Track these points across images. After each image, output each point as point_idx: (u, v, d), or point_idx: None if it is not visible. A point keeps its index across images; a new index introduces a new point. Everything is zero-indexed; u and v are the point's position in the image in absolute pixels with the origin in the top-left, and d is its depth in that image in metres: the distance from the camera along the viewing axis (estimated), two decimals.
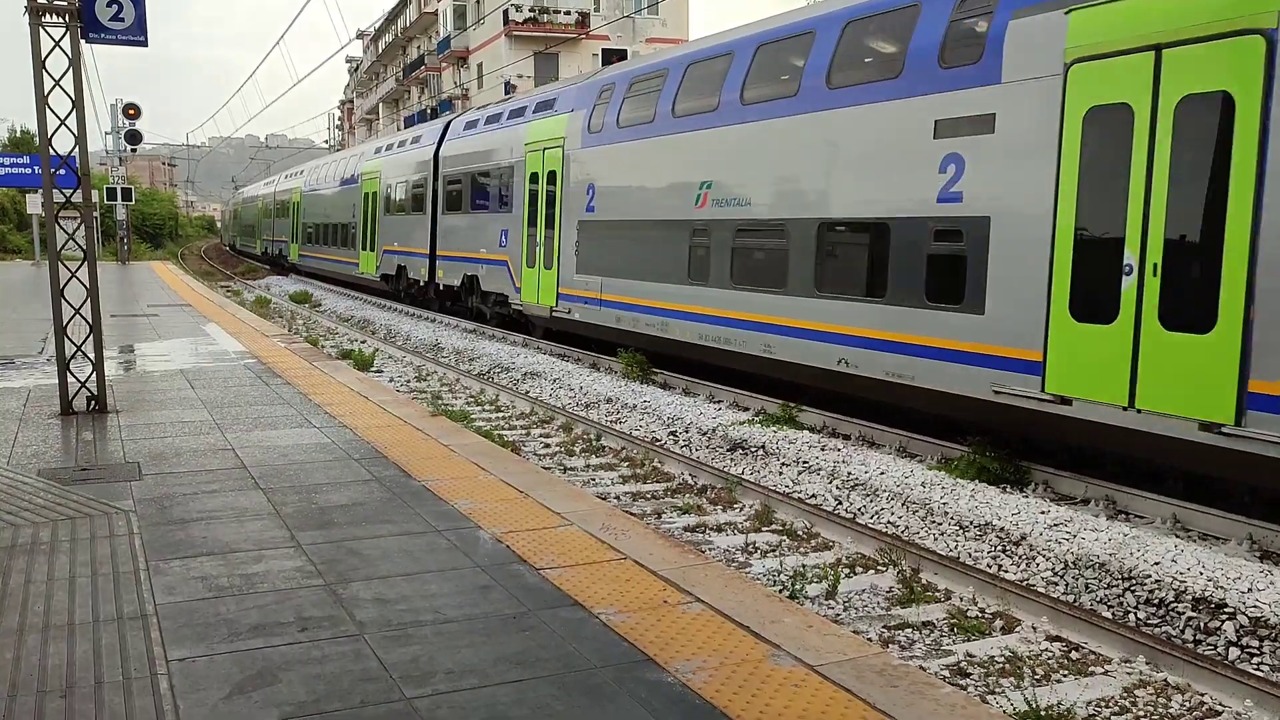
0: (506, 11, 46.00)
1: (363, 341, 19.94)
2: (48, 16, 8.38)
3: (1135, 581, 6.45)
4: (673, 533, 7.86)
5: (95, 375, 8.89)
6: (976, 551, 7.43)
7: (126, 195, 39.53)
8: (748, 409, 12.28)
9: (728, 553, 7.54)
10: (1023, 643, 5.95)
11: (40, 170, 8.69)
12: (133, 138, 37.13)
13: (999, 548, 7.36)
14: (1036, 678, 5.50)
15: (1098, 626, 5.92)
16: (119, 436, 7.89)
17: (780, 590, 6.48)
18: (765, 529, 8.13)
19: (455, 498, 6.21)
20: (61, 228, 8.91)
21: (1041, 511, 7.63)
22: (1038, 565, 7.03)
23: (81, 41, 8.49)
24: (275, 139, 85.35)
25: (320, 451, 7.45)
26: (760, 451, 10.16)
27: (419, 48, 64.60)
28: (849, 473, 9.08)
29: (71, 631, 4.12)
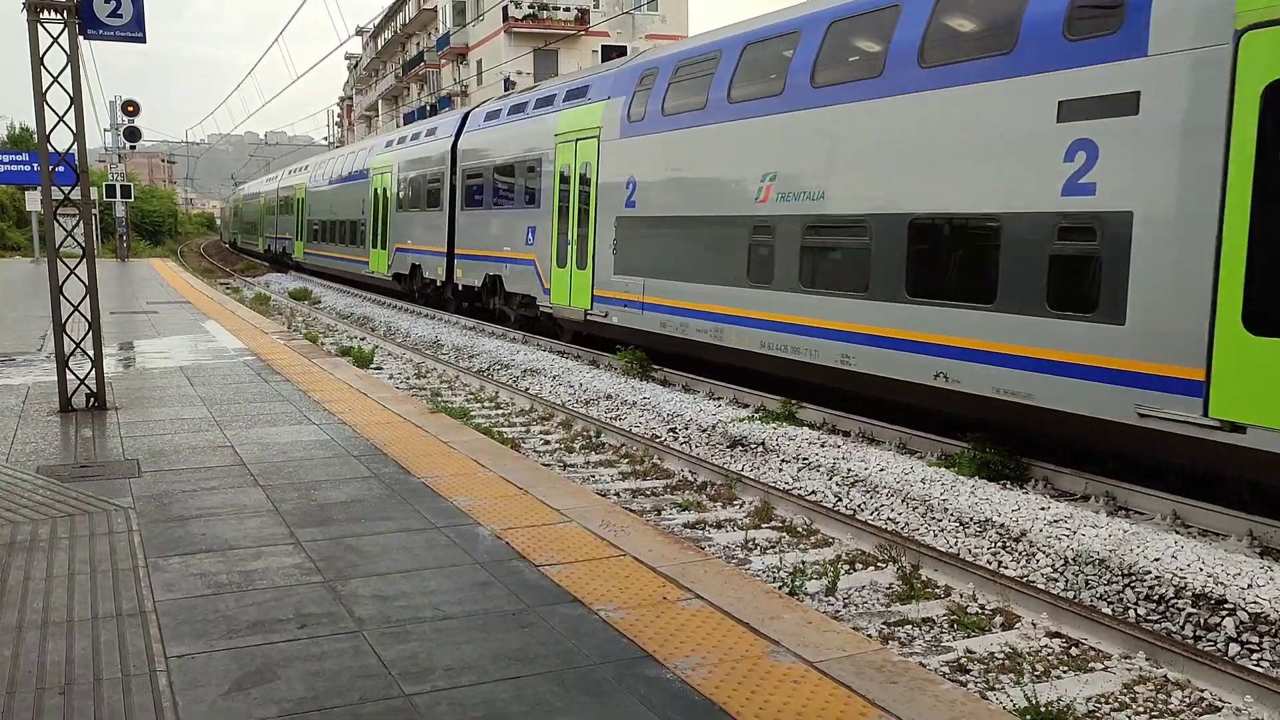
0: (506, 8, 45.99)
1: (362, 338, 19.94)
2: (46, 13, 8.36)
3: (1135, 578, 6.46)
4: (672, 529, 7.86)
5: (94, 372, 8.88)
6: (976, 548, 7.43)
7: (125, 192, 39.49)
8: (748, 406, 12.28)
9: (727, 549, 7.54)
10: (1023, 639, 5.95)
11: (39, 167, 8.67)
12: (132, 134, 37.10)
13: (999, 544, 7.36)
14: (1036, 674, 5.50)
15: (1098, 623, 5.92)
16: (118, 433, 7.89)
17: (780, 587, 6.48)
18: (765, 526, 8.13)
19: (455, 494, 6.21)
20: (60, 225, 8.91)
21: (1041, 508, 7.63)
22: (1038, 561, 7.03)
23: (80, 38, 8.48)
24: (275, 136, 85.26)
25: (319, 448, 7.45)
26: (760, 448, 10.16)
27: (418, 44, 64.57)
28: (849, 469, 9.08)
29: (70, 628, 4.12)
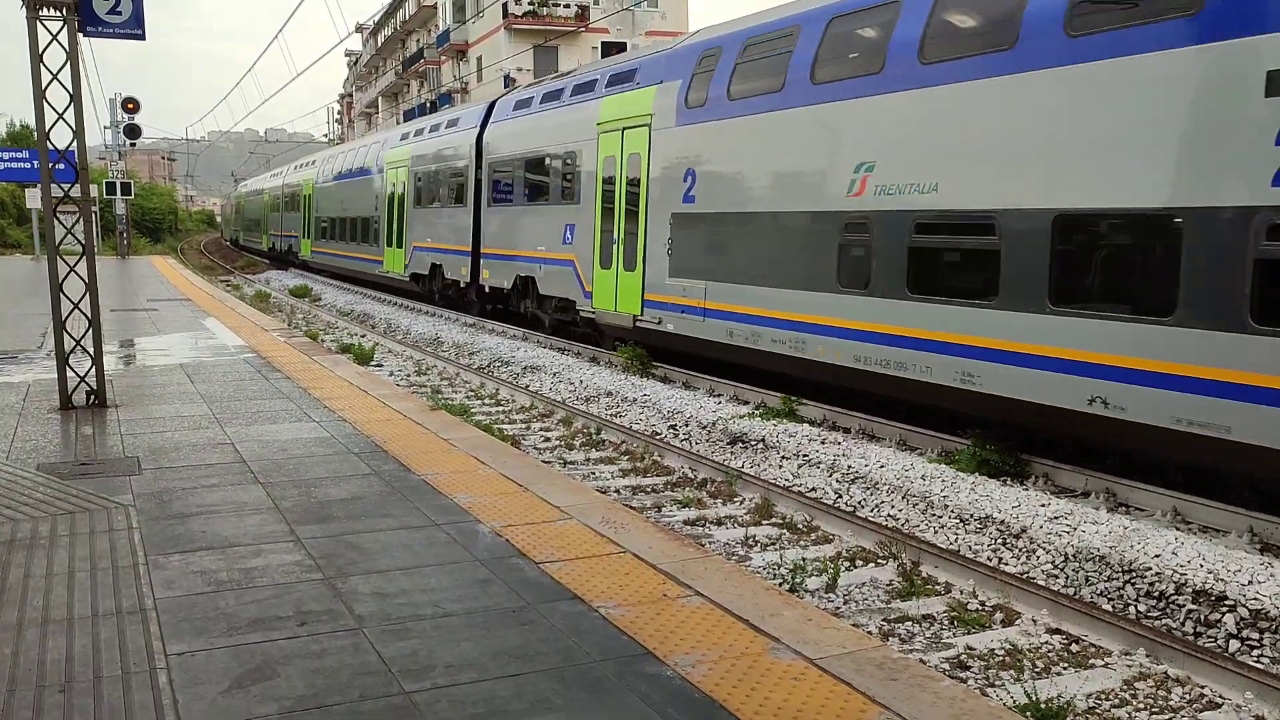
0: (506, 4, 45.94)
1: (362, 336, 19.95)
2: (45, 10, 8.35)
3: (1135, 574, 6.45)
4: (672, 526, 7.86)
5: (94, 370, 8.88)
6: (977, 544, 7.43)
7: (125, 190, 39.48)
8: (748, 402, 12.28)
9: (727, 546, 7.54)
10: (1023, 635, 5.95)
11: (39, 165, 8.67)
12: (131, 132, 37.14)
13: (999, 540, 7.36)
14: (1036, 670, 5.50)
15: (1098, 619, 5.92)
16: (118, 431, 7.89)
17: (780, 584, 6.48)
18: (765, 522, 8.13)
19: (455, 491, 6.21)
20: (60, 222, 8.91)
21: (1042, 504, 7.63)
22: (1038, 558, 7.03)
23: (79, 35, 8.47)
24: (275, 133, 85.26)
25: (319, 446, 7.45)
26: (760, 445, 10.16)
27: (418, 41, 64.53)
28: (849, 466, 9.08)
29: (70, 626, 4.12)
